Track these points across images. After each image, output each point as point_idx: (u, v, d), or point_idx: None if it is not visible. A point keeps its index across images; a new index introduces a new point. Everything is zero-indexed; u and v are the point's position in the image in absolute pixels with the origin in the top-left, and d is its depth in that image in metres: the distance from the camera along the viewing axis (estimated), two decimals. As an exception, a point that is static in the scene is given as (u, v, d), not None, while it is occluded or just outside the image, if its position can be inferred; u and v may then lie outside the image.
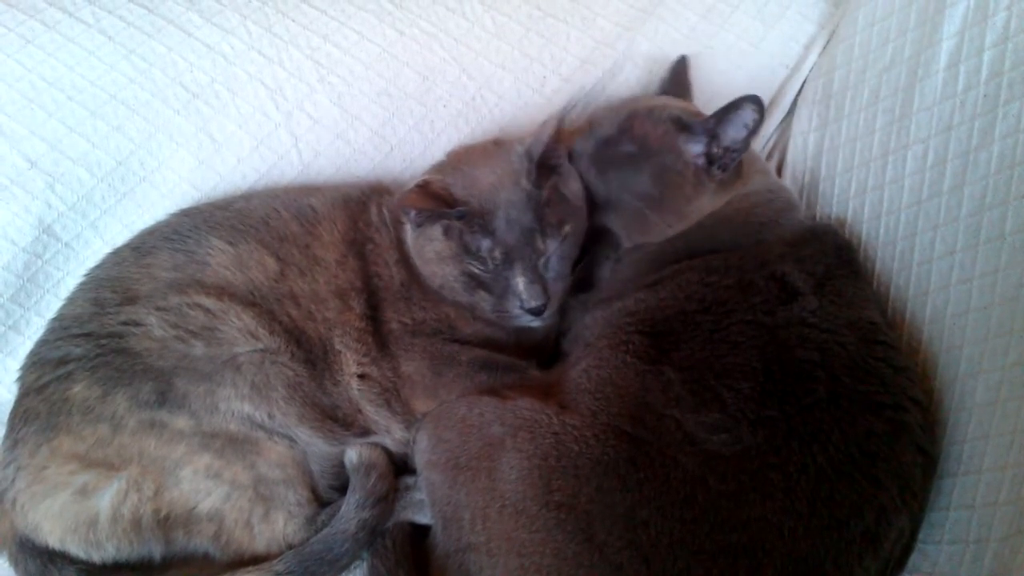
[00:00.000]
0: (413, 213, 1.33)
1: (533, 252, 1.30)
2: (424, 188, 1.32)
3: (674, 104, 1.49)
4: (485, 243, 1.29)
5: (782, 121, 1.80)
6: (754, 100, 1.30)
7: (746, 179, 1.41)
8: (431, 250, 1.34)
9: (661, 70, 1.69)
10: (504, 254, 1.29)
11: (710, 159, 1.37)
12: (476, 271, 1.31)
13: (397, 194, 1.44)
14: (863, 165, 1.46)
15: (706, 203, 1.37)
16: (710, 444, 1.10)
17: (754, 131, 1.34)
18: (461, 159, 1.41)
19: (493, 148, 1.42)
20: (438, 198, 1.30)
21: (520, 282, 1.30)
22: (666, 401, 1.15)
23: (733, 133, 1.34)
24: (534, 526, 1.08)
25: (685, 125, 1.38)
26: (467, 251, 1.31)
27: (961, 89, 1.29)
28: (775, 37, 1.74)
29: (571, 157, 1.42)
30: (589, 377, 1.23)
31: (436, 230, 1.33)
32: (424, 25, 1.56)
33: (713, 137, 1.36)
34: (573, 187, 1.39)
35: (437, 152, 1.56)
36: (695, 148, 1.38)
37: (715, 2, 1.71)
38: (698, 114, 1.44)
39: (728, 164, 1.37)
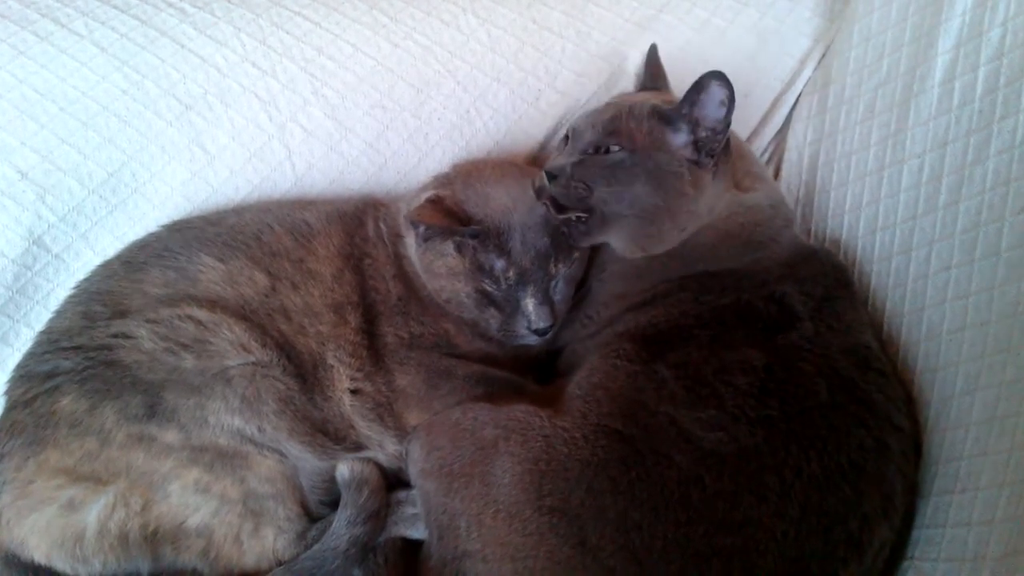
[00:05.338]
0: (422, 227, 1.32)
1: (545, 275, 1.30)
2: (437, 203, 1.32)
3: (652, 98, 1.40)
4: (500, 263, 1.29)
5: (776, 135, 1.80)
6: (718, 76, 1.24)
7: (751, 186, 1.36)
8: (442, 265, 1.33)
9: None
10: (518, 275, 1.30)
11: (697, 147, 1.28)
12: (489, 289, 1.31)
13: (393, 207, 1.44)
14: (858, 179, 1.46)
15: (712, 196, 1.30)
16: (706, 442, 1.09)
17: (731, 107, 1.26)
18: (471, 175, 1.40)
19: (508, 167, 1.41)
20: (451, 215, 1.30)
21: (531, 303, 1.30)
22: (659, 398, 1.14)
23: (712, 113, 1.27)
24: (527, 530, 1.07)
25: (665, 116, 1.29)
26: (480, 269, 1.30)
27: (956, 104, 1.29)
28: (770, 51, 1.74)
29: (549, 177, 1.28)
30: (580, 386, 1.22)
31: (448, 246, 1.32)
32: (419, 38, 1.56)
33: (694, 124, 1.28)
34: None
35: (431, 165, 1.56)
36: (681, 139, 1.29)
37: (710, 16, 1.71)
38: (672, 102, 1.35)
39: (715, 148, 1.28)
